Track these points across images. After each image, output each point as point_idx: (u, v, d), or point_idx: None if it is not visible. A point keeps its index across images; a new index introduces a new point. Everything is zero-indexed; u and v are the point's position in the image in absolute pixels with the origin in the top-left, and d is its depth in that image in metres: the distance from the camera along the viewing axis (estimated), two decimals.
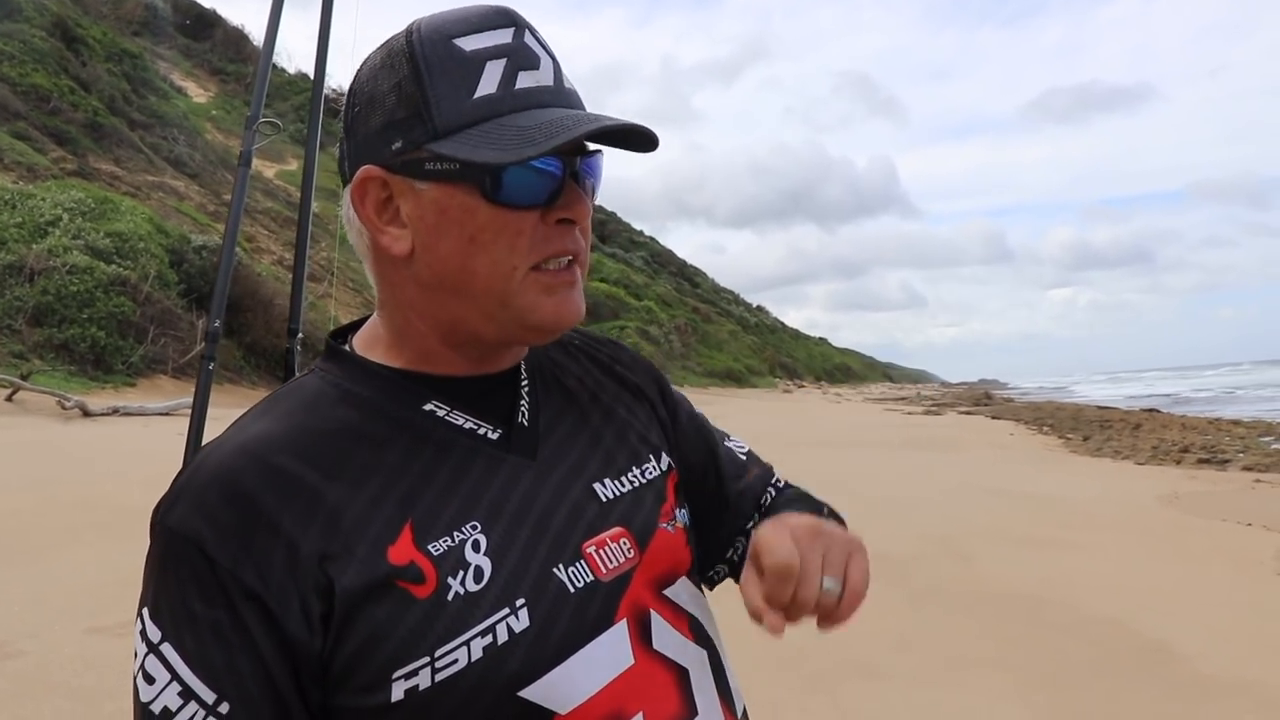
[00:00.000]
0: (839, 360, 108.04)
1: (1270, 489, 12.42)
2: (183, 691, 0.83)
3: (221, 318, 1.69)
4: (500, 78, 0.90)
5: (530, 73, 0.91)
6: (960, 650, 5.16)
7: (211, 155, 35.02)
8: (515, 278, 0.91)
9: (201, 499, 0.86)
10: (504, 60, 0.90)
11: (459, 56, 0.90)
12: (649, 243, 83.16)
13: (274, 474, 0.87)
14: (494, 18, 0.92)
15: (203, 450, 0.93)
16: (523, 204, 0.90)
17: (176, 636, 0.84)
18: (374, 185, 0.94)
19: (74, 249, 18.34)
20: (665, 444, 1.15)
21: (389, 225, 0.94)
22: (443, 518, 0.89)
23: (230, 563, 0.84)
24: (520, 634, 0.87)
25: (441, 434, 0.95)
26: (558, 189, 0.92)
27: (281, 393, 0.99)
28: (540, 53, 0.93)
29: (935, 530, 8.68)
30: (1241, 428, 24.08)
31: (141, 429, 13.30)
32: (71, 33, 31.97)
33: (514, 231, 0.90)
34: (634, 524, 1.01)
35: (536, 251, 0.92)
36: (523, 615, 0.88)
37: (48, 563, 5.91)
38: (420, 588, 0.86)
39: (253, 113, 1.80)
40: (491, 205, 0.90)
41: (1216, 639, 5.46)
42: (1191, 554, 7.91)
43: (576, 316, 0.96)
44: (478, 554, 0.89)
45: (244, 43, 52.08)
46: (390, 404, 0.96)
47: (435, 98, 0.89)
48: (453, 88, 0.89)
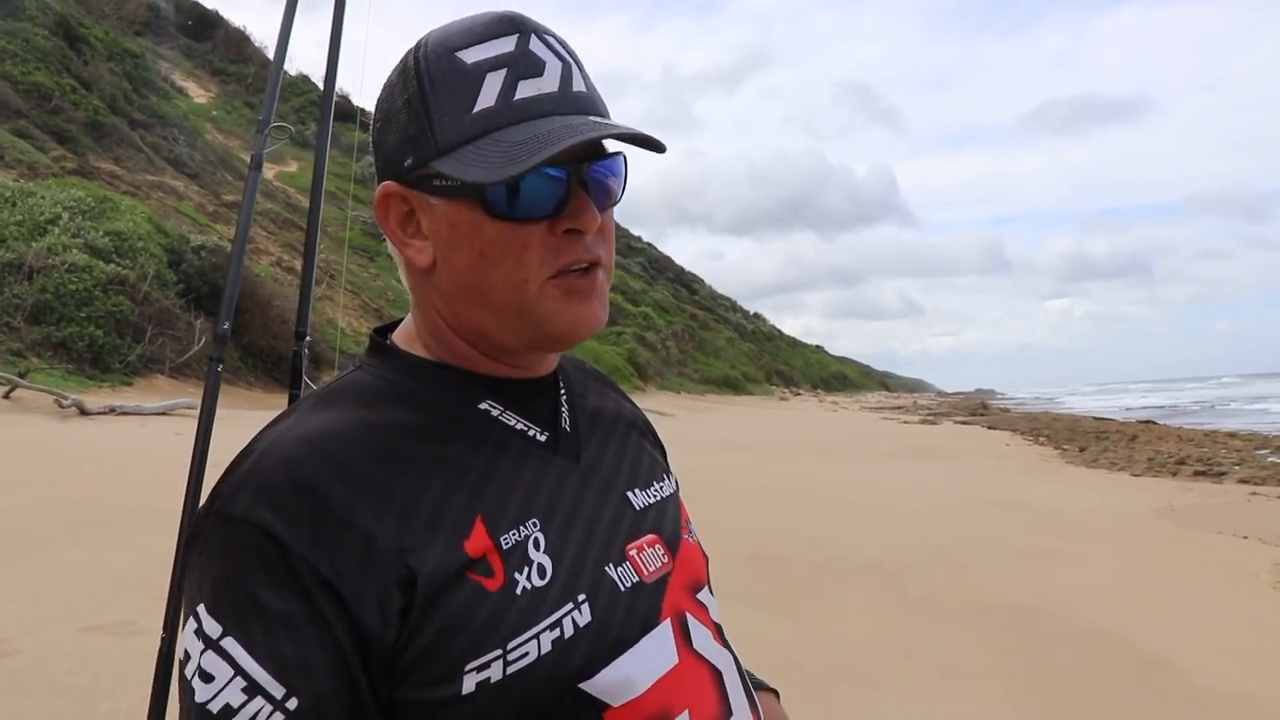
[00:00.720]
0: (836, 368, 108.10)
1: (1266, 502, 12.44)
2: (247, 687, 0.80)
3: (231, 320, 1.69)
4: (500, 89, 0.89)
5: (531, 81, 0.90)
6: (955, 659, 5.16)
7: (211, 156, 35.05)
8: (529, 290, 0.91)
9: (269, 488, 0.84)
10: (504, 70, 0.90)
11: (460, 70, 0.90)
12: (646, 249, 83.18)
13: (342, 466, 0.86)
14: (498, 26, 0.92)
15: (259, 442, 0.91)
16: (527, 216, 0.90)
17: (242, 629, 0.81)
18: (395, 200, 0.95)
19: (73, 247, 18.33)
20: (668, 469, 1.19)
21: (412, 238, 0.96)
22: (508, 514, 0.90)
23: (305, 550, 0.82)
24: (584, 628, 0.89)
25: (497, 433, 0.96)
26: (564, 199, 0.91)
27: (334, 389, 0.98)
28: (547, 57, 0.92)
29: (931, 540, 8.68)
30: (1238, 440, 24.10)
31: (138, 428, 13.29)
32: (74, 32, 31.99)
33: (520, 245, 0.90)
34: (664, 531, 1.04)
35: (548, 264, 0.91)
36: (585, 610, 0.90)
37: (44, 561, 5.90)
38: (491, 581, 0.86)
39: (264, 117, 1.80)
40: (495, 220, 0.90)
41: (1211, 651, 5.47)
42: (1187, 566, 7.92)
43: (596, 324, 0.95)
44: (539, 551, 0.90)
45: (245, 44, 52.20)
46: (447, 401, 0.97)
47: (437, 114, 0.90)
48: (453, 103, 0.89)
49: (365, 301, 27.73)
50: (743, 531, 8.25)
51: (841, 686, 4.63)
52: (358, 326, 23.48)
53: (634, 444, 1.14)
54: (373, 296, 28.37)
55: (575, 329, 0.94)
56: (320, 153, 1.97)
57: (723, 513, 9.06)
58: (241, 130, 41.58)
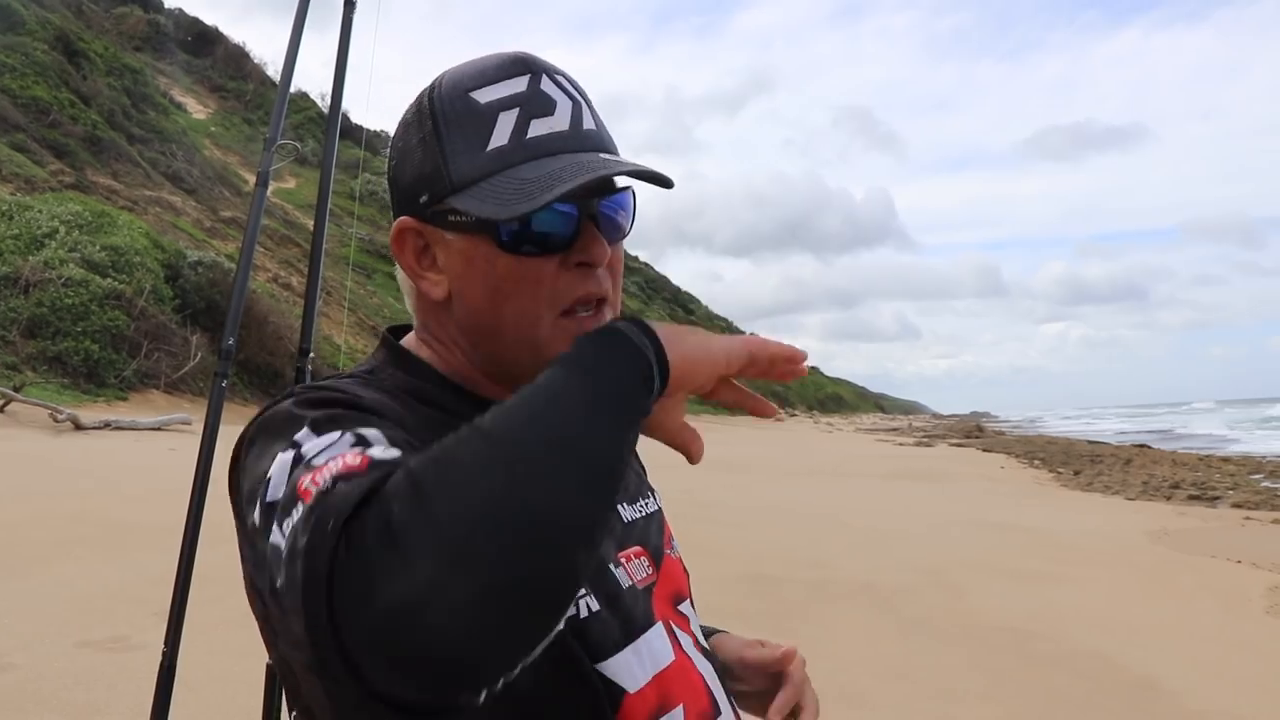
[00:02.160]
0: (831, 390, 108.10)
1: (1260, 526, 12.45)
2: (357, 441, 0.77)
3: (236, 335, 1.71)
4: (512, 128, 0.92)
5: (543, 120, 0.93)
6: (949, 681, 5.16)
7: (209, 171, 35.10)
8: (542, 326, 0.94)
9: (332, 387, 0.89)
10: (516, 110, 0.92)
11: (474, 110, 0.93)
12: (644, 268, 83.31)
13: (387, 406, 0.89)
14: (509, 67, 0.95)
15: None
16: (539, 251, 0.92)
17: (358, 426, 0.79)
18: (410, 235, 0.98)
19: (70, 261, 18.34)
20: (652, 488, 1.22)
21: (428, 271, 0.98)
22: None
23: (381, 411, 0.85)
24: (595, 614, 0.92)
25: None
26: (574, 233, 0.93)
27: (356, 381, 0.97)
28: (558, 96, 0.94)
29: (925, 561, 8.69)
30: (1232, 465, 24.12)
31: (133, 443, 13.28)
32: (73, 46, 32.10)
33: (534, 280, 0.93)
34: (649, 545, 1.08)
35: (560, 298, 0.94)
36: (592, 600, 0.93)
37: (38, 576, 5.89)
38: None
39: (271, 134, 1.82)
40: (508, 254, 0.92)
41: (1204, 675, 5.48)
42: (1180, 590, 7.93)
43: None
44: None
45: (245, 60, 52.31)
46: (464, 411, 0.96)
47: (452, 152, 0.93)
48: (467, 142, 0.92)
49: (361, 319, 27.74)
50: (738, 552, 8.25)
51: (836, 707, 4.62)
52: (354, 344, 23.48)
53: None
54: (369, 314, 28.37)
55: None
56: (325, 171, 1.99)
57: (718, 533, 9.06)
58: (240, 146, 41.65)
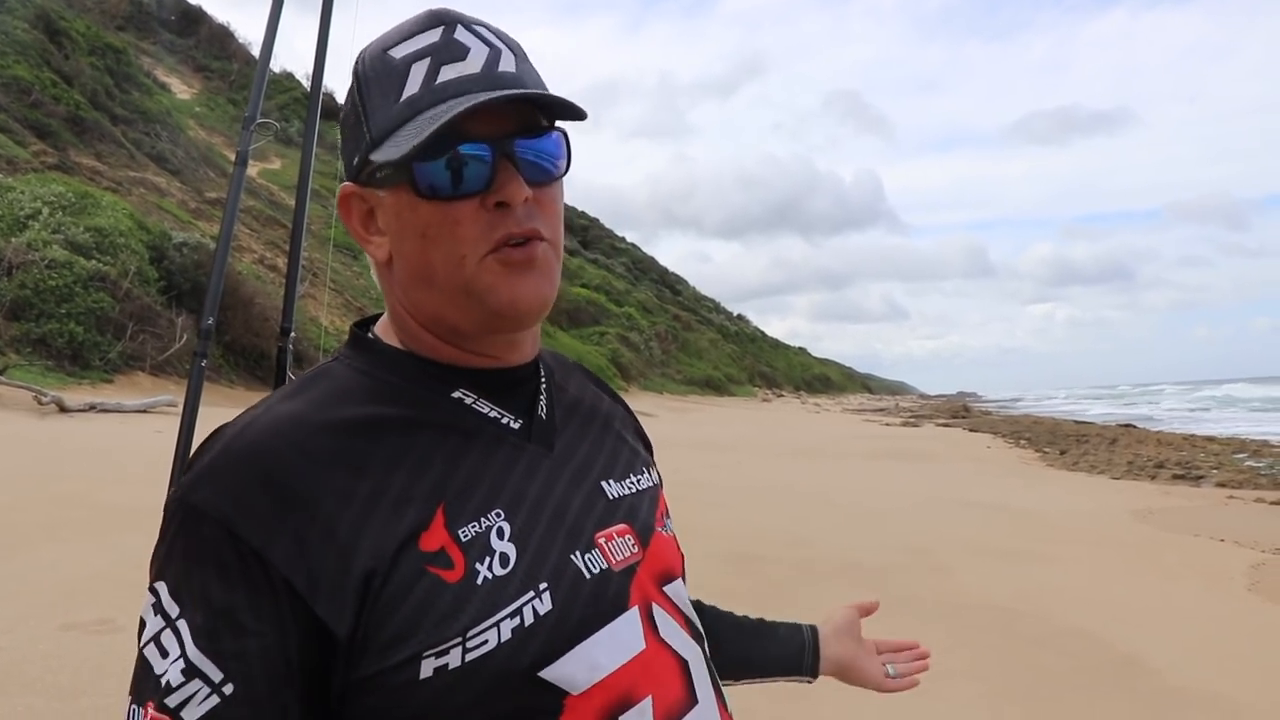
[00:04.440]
0: (818, 370, 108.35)
1: (1243, 505, 12.55)
2: (187, 669, 0.84)
3: (215, 315, 1.69)
4: (423, 77, 0.93)
5: (454, 65, 0.93)
6: (934, 660, 5.16)
7: (194, 152, 34.86)
8: (468, 266, 0.93)
9: (232, 478, 0.88)
10: (428, 60, 0.94)
11: (390, 65, 0.95)
12: (630, 249, 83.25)
13: (308, 458, 0.89)
14: (424, 21, 0.96)
15: (229, 428, 0.93)
16: (456, 194, 0.93)
17: (191, 615, 0.86)
18: (354, 200, 1.00)
19: (53, 243, 18.18)
20: (650, 462, 1.21)
21: (373, 235, 1.00)
22: (471, 504, 0.92)
23: (259, 544, 0.85)
24: (544, 616, 0.90)
25: (468, 421, 0.98)
26: (490, 175, 0.93)
27: (308, 378, 1.00)
28: (472, 44, 0.95)
29: (911, 541, 8.72)
30: (1216, 444, 24.27)
31: (119, 426, 13.21)
32: (55, 25, 31.76)
33: (453, 222, 0.93)
34: (636, 523, 1.06)
35: (484, 239, 0.93)
36: (545, 599, 0.91)
37: (23, 559, 5.87)
38: (450, 573, 0.88)
39: (250, 112, 1.80)
40: (426, 200, 0.93)
41: (1187, 652, 5.52)
42: (1164, 568, 7.99)
43: (538, 297, 0.96)
44: (502, 540, 0.91)
45: (229, 40, 51.92)
46: (419, 390, 0.99)
47: (371, 109, 0.95)
48: (384, 97, 0.94)
49: (348, 300, 27.62)
50: (724, 531, 8.27)
51: (822, 687, 4.64)
52: (340, 325, 23.39)
53: (614, 436, 1.15)
54: (355, 295, 28.25)
55: (515, 302, 0.95)
56: (306, 151, 1.98)
57: (705, 513, 9.08)
58: (225, 127, 41.34)
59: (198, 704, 0.84)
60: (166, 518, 0.90)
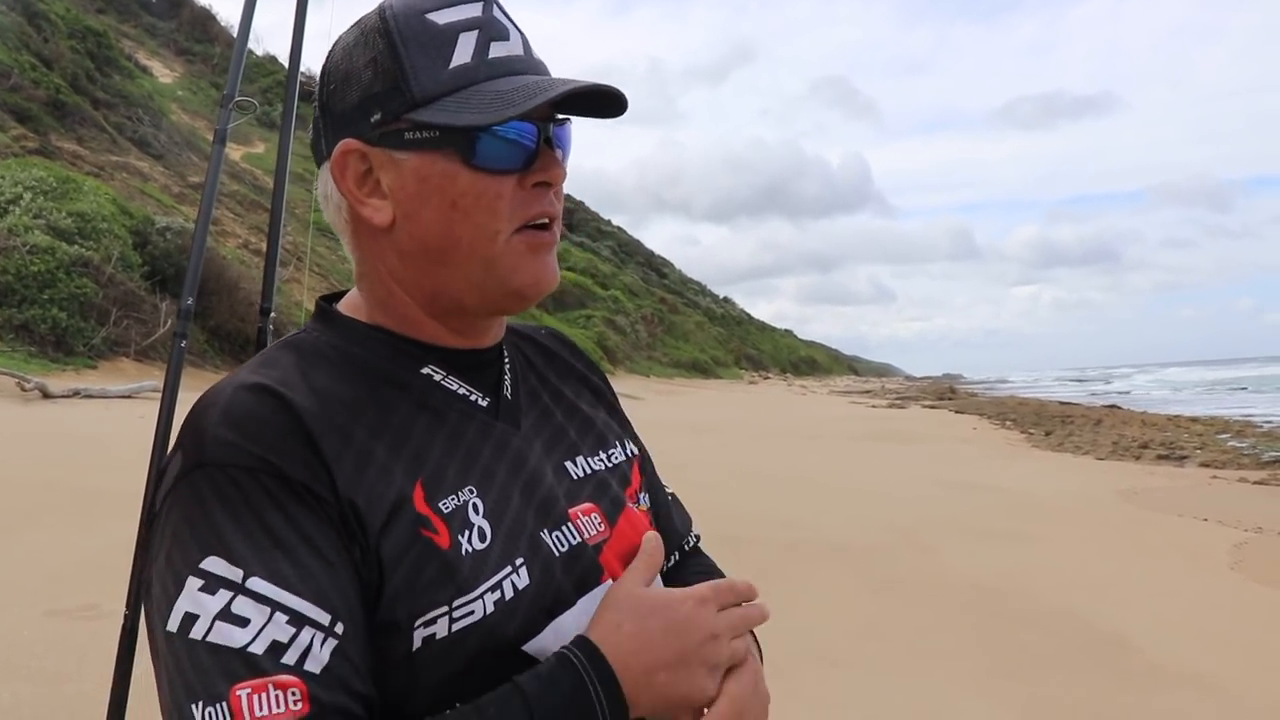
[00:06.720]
0: (805, 353, 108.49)
1: (1226, 485, 12.64)
2: (292, 619, 0.80)
3: (194, 295, 1.68)
4: (474, 48, 0.93)
5: (502, 43, 0.95)
6: (921, 640, 5.22)
7: (177, 136, 34.55)
8: (499, 241, 0.94)
9: (254, 428, 0.86)
10: (476, 32, 0.94)
11: (433, 30, 0.93)
12: (616, 232, 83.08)
13: (300, 410, 0.88)
14: None
15: (209, 397, 0.91)
16: (501, 169, 0.93)
17: (267, 566, 0.81)
18: (354, 158, 0.96)
19: (35, 228, 18.03)
20: (625, 434, 1.21)
21: (370, 197, 0.97)
22: (447, 479, 0.92)
23: (304, 475, 0.84)
24: (523, 590, 0.91)
25: (439, 398, 0.98)
26: (534, 153, 0.95)
27: (277, 348, 0.99)
28: (509, 25, 0.97)
29: (898, 522, 8.76)
30: (1200, 425, 24.43)
31: (103, 412, 13.14)
32: (34, 8, 31.38)
33: (494, 195, 0.93)
34: (603, 501, 1.06)
35: (517, 215, 0.95)
36: (523, 573, 0.92)
37: (6, 545, 5.84)
38: (439, 539, 0.88)
39: (228, 90, 1.78)
40: (472, 171, 0.93)
41: (1171, 631, 5.56)
42: (1149, 548, 8.04)
43: (554, 280, 0.99)
44: (478, 515, 0.92)
45: (211, 23, 51.47)
46: (389, 366, 0.98)
47: (413, 69, 0.92)
48: (429, 59, 0.93)
49: (333, 285, 27.53)
50: (711, 513, 8.24)
51: (809, 666, 4.67)
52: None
53: (582, 413, 1.15)
54: (340, 279, 28.16)
55: (538, 284, 0.97)
56: (285, 130, 1.96)
57: (691, 495, 9.00)
58: (207, 111, 40.97)
59: (317, 653, 0.80)
60: (179, 497, 0.86)
